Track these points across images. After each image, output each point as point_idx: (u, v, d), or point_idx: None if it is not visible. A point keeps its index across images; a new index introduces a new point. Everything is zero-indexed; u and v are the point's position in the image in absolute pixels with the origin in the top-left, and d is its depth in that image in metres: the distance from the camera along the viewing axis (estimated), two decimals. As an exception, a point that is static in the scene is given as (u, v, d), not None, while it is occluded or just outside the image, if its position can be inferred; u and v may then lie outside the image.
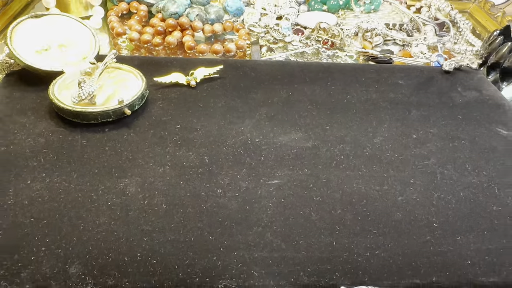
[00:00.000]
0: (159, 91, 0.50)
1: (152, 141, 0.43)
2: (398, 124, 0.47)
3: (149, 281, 0.31)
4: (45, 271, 0.31)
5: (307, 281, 0.32)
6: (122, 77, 0.49)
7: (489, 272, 0.34)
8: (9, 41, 0.48)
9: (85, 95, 0.44)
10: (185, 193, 0.38)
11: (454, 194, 0.40)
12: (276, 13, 0.70)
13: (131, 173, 0.39)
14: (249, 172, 0.40)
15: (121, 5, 0.68)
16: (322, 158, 0.42)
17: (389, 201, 0.38)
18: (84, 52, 0.51)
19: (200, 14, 0.64)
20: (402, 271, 0.33)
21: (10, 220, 0.34)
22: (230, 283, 0.32)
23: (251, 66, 0.55)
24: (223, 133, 0.44)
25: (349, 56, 0.61)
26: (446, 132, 0.46)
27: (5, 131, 0.43)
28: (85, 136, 0.43)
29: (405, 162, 0.42)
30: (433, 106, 0.50)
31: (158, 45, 0.61)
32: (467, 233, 0.36)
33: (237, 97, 0.50)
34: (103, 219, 0.35)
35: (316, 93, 0.51)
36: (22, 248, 0.32)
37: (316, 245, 0.34)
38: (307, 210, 0.37)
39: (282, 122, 0.46)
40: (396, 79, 0.54)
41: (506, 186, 0.41)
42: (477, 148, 0.45)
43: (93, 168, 0.40)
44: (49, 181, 0.38)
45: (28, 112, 0.45)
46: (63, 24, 0.52)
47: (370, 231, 0.36)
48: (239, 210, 0.37)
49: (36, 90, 0.48)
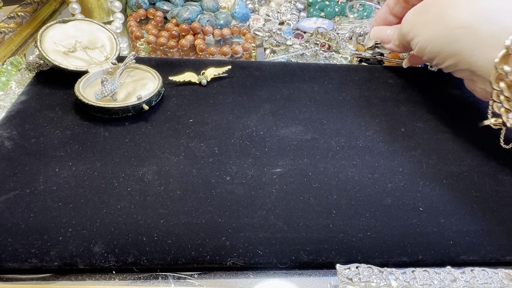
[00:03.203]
0: (174, 88, 0.50)
1: (167, 133, 0.43)
2: (388, 119, 0.47)
3: (164, 259, 0.31)
4: (71, 250, 0.31)
5: (306, 259, 0.32)
6: (141, 76, 0.49)
7: (469, 251, 0.33)
8: (39, 43, 0.48)
9: (107, 92, 0.44)
10: (197, 180, 0.38)
11: (438, 182, 0.39)
12: (278, 19, 0.70)
13: (149, 162, 0.39)
14: (255, 162, 0.40)
15: (139, 12, 0.68)
16: (320, 149, 0.42)
17: (380, 187, 0.38)
18: (107, 54, 0.51)
19: (210, 19, 0.64)
20: (391, 250, 0.33)
21: (40, 204, 0.34)
22: (237, 261, 0.32)
23: (256, 67, 0.55)
24: (231, 127, 0.44)
25: (344, 58, 0.61)
26: (431, 126, 0.46)
27: (35, 124, 0.43)
28: (107, 129, 0.43)
29: (394, 153, 0.42)
30: (419, 102, 0.50)
31: (173, 47, 0.61)
32: (449, 216, 0.36)
33: (244, 94, 0.49)
34: (123, 203, 0.35)
35: (315, 90, 0.51)
36: (51, 229, 0.32)
37: (314, 227, 0.34)
38: (306, 195, 0.37)
39: (284, 116, 0.46)
40: (386, 78, 0.54)
41: (484, 175, 0.40)
42: (459, 141, 0.44)
43: (114, 158, 0.39)
44: (75, 169, 0.38)
45: (56, 107, 0.45)
46: (87, 29, 0.52)
47: (363, 214, 0.36)
48: (245, 195, 0.37)
49: (63, 87, 0.48)
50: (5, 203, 0.34)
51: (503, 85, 0.37)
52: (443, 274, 0.31)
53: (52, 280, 0.30)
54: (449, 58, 0.42)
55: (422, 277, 0.30)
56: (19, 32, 0.61)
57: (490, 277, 0.31)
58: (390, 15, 0.53)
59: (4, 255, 0.31)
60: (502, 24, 0.36)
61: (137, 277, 0.31)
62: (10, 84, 0.49)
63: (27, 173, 0.37)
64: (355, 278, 0.30)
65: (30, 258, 0.30)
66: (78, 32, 0.51)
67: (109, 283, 0.30)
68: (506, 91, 0.37)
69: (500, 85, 0.37)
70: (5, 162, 0.38)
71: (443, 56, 0.42)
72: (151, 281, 0.31)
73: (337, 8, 0.73)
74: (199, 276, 0.31)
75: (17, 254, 0.31)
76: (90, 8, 0.66)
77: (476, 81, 0.42)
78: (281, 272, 0.32)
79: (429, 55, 0.44)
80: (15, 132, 0.41)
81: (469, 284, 0.30)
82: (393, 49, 0.52)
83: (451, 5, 0.40)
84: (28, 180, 0.36)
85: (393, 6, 0.52)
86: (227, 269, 0.32)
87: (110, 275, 0.31)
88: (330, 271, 0.32)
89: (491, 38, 0.37)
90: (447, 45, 0.41)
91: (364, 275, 0.30)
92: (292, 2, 0.73)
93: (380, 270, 0.31)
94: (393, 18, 0.53)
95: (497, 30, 0.37)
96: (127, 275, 0.31)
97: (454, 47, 0.40)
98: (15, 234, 0.32)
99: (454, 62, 0.41)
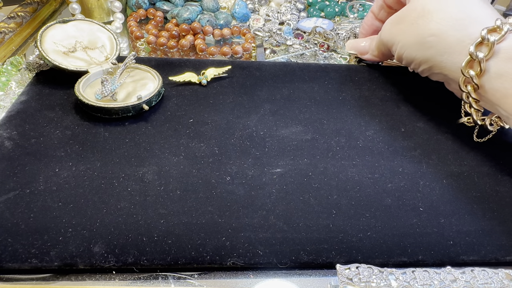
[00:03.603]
0: (174, 89, 0.49)
1: (167, 133, 0.43)
2: (388, 119, 0.47)
3: (164, 259, 0.31)
4: (71, 250, 0.31)
5: (306, 259, 0.32)
6: (141, 76, 0.49)
7: (469, 251, 0.33)
8: (39, 43, 0.47)
9: (108, 92, 0.44)
10: (197, 180, 0.38)
11: (438, 182, 0.39)
12: (278, 19, 0.70)
13: (149, 162, 0.39)
14: (255, 162, 0.40)
15: (139, 12, 0.68)
16: (320, 149, 0.42)
17: (380, 187, 0.38)
18: (107, 54, 0.51)
19: (210, 20, 0.64)
20: (391, 250, 0.33)
21: (40, 204, 0.34)
22: (237, 261, 0.32)
23: (256, 67, 0.55)
24: (231, 127, 0.44)
25: (343, 58, 0.60)
26: (431, 126, 0.46)
27: (35, 124, 0.42)
28: (107, 129, 0.43)
29: (394, 153, 0.42)
30: (419, 102, 0.50)
31: (173, 47, 0.61)
32: (449, 217, 0.36)
33: (244, 94, 0.49)
34: (123, 203, 0.35)
35: (315, 90, 0.51)
36: (51, 230, 0.32)
37: (314, 227, 0.34)
38: (306, 195, 0.37)
39: (284, 116, 0.46)
40: (386, 78, 0.54)
41: (484, 175, 0.40)
42: (459, 141, 0.44)
43: (114, 158, 0.39)
44: (75, 169, 0.38)
45: (56, 107, 0.45)
46: (87, 29, 0.52)
47: (363, 214, 0.36)
48: (245, 195, 0.37)
49: (63, 87, 0.48)
50: (5, 203, 0.34)
51: (470, 88, 0.40)
52: (443, 274, 0.31)
53: (52, 280, 0.30)
54: (423, 63, 0.45)
55: (422, 277, 0.30)
56: (19, 32, 0.61)
57: (490, 277, 0.31)
58: (376, 21, 0.56)
59: (4, 255, 0.30)
60: (467, 31, 0.40)
61: (137, 277, 0.31)
62: (10, 84, 0.49)
63: (27, 173, 0.37)
64: (355, 278, 0.30)
65: (30, 258, 0.30)
66: (78, 32, 0.51)
67: (109, 283, 0.30)
68: (473, 93, 0.40)
69: (468, 88, 0.40)
70: (5, 162, 0.38)
71: (418, 61, 0.45)
72: (151, 281, 0.31)
73: (337, 8, 0.73)
74: (199, 276, 0.31)
75: (17, 254, 0.31)
76: (90, 8, 0.66)
77: (450, 83, 0.45)
78: (281, 272, 0.32)
79: (406, 60, 0.47)
80: (15, 132, 0.41)
81: (469, 284, 0.30)
82: (372, 59, 0.56)
83: (423, 16, 0.43)
84: (28, 180, 0.36)
85: (378, 12, 0.55)
86: (227, 269, 0.32)
87: (110, 275, 0.31)
88: (330, 271, 0.32)
89: (457, 44, 0.40)
90: (420, 51, 0.44)
91: (364, 275, 0.30)
92: (292, 2, 0.72)
93: (380, 270, 0.31)
94: (379, 23, 0.56)
95: (462, 37, 0.40)
96: (127, 275, 0.31)
97: (426, 54, 0.43)
98: (15, 234, 0.32)
99: (428, 67, 0.45)
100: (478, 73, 0.38)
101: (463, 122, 0.45)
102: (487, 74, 0.38)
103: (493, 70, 0.38)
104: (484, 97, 0.40)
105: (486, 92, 0.39)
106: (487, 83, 0.38)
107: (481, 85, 0.39)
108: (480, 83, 0.39)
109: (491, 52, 0.38)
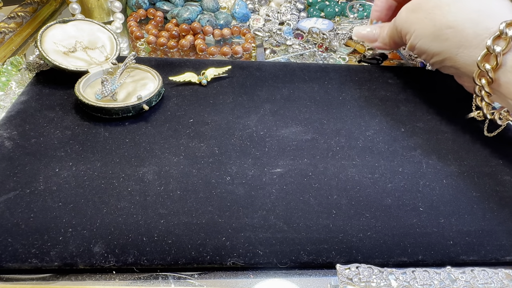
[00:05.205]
0: (174, 89, 0.49)
1: (167, 133, 0.43)
2: (388, 119, 0.47)
3: (164, 259, 0.31)
4: (71, 250, 0.31)
5: (307, 259, 0.32)
6: (141, 76, 0.49)
7: (469, 251, 0.33)
8: (39, 43, 0.47)
9: (108, 92, 0.44)
10: (197, 180, 0.38)
11: (438, 182, 0.39)
12: (278, 19, 0.70)
13: (149, 162, 0.39)
14: (255, 162, 0.40)
15: (139, 12, 0.68)
16: (320, 149, 0.42)
17: (380, 187, 0.38)
18: (107, 54, 0.51)
19: (210, 20, 0.64)
20: (391, 250, 0.33)
21: (40, 204, 0.34)
22: (237, 261, 0.31)
23: (256, 67, 0.55)
24: (231, 127, 0.44)
25: (342, 58, 0.60)
26: (431, 126, 0.46)
27: (35, 124, 0.42)
28: (108, 129, 0.43)
29: (394, 153, 0.42)
30: (419, 102, 0.50)
31: (173, 47, 0.61)
32: (449, 217, 0.36)
33: (244, 94, 0.49)
34: (123, 203, 0.35)
35: (315, 90, 0.51)
36: (51, 229, 0.32)
37: (314, 227, 0.34)
38: (306, 195, 0.37)
39: (284, 116, 0.46)
40: (386, 78, 0.54)
41: (484, 175, 0.40)
42: (459, 141, 0.44)
43: (114, 158, 0.39)
44: (75, 169, 0.38)
45: (56, 107, 0.45)
46: (87, 29, 0.52)
47: (363, 214, 0.35)
48: (245, 195, 0.36)
49: (63, 87, 0.48)
50: (5, 203, 0.34)
51: (484, 82, 0.40)
52: (443, 274, 0.31)
53: (52, 280, 0.30)
54: (436, 55, 0.44)
55: (422, 277, 0.30)
56: (19, 32, 0.61)
57: (490, 277, 0.31)
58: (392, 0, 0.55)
59: (4, 255, 0.30)
60: (484, 24, 0.39)
61: (137, 277, 0.31)
62: (10, 84, 0.49)
63: (27, 173, 0.37)
64: (355, 278, 0.30)
65: (30, 258, 0.30)
66: (78, 32, 0.51)
67: (109, 283, 0.30)
68: (486, 87, 0.40)
69: (482, 82, 0.40)
70: (5, 162, 0.38)
71: (431, 53, 0.45)
72: (151, 281, 0.31)
73: (337, 8, 0.73)
74: (199, 276, 0.31)
75: (17, 254, 0.31)
76: (90, 8, 0.66)
77: (461, 77, 0.45)
78: (281, 272, 0.32)
79: (419, 50, 0.47)
80: (15, 132, 0.41)
81: (469, 284, 0.30)
82: (381, 47, 0.55)
83: (440, 6, 0.43)
84: (28, 180, 0.36)
85: None
86: (227, 269, 0.32)
87: (110, 275, 0.31)
88: (330, 271, 0.32)
89: (474, 38, 0.40)
90: (435, 43, 0.44)
91: (364, 275, 0.30)
92: (292, 2, 0.72)
93: (380, 270, 0.31)
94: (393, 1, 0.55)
95: (480, 30, 0.39)
96: (127, 275, 0.31)
97: (441, 45, 0.43)
98: (15, 234, 0.32)
99: (441, 59, 0.44)
100: (494, 67, 0.38)
101: (473, 116, 0.44)
102: (503, 68, 0.38)
103: (509, 64, 0.38)
104: (497, 91, 0.40)
105: (500, 85, 0.39)
106: (502, 76, 0.38)
107: (495, 79, 0.39)
108: (495, 76, 0.39)
109: (508, 46, 0.37)
